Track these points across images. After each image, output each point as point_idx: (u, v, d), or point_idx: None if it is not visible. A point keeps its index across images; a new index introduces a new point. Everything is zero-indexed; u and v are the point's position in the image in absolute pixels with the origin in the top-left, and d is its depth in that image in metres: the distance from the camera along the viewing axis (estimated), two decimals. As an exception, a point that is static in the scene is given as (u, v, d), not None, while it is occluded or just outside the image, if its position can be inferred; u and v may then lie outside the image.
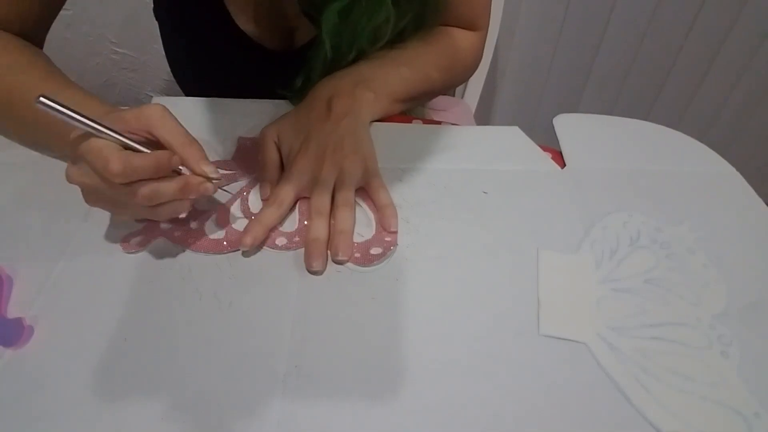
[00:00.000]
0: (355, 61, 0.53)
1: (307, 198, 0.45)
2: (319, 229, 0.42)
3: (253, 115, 0.53)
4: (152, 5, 0.62)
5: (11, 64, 0.46)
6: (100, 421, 0.32)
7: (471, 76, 0.65)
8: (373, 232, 0.43)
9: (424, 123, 0.54)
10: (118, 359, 0.35)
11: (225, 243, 0.42)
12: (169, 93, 1.18)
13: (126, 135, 0.36)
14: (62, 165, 0.48)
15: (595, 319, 0.37)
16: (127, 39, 1.13)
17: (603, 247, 0.42)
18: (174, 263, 0.40)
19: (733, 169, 0.49)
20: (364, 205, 0.45)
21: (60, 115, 0.34)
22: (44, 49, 0.53)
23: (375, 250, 0.41)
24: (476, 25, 0.60)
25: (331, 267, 0.40)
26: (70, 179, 0.37)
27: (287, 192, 0.44)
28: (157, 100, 0.38)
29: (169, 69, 0.66)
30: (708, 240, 0.42)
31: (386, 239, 0.42)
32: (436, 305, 0.38)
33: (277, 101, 0.55)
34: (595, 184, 0.47)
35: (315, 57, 0.51)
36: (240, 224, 0.43)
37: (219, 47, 0.59)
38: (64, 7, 0.54)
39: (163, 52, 0.66)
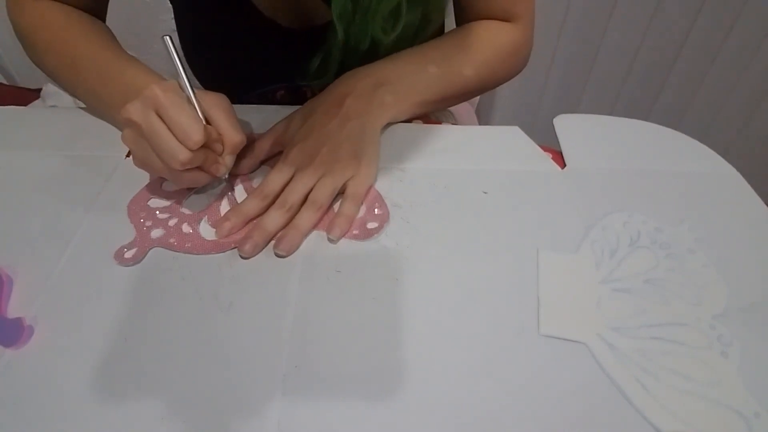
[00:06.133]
0: (372, 49, 0.51)
1: None
2: (273, 219, 0.41)
3: (254, 117, 0.53)
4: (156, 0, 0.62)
5: (81, 35, 0.51)
6: (99, 421, 0.32)
7: (517, 72, 0.58)
8: (362, 213, 0.44)
9: (424, 123, 0.54)
10: (118, 359, 0.35)
11: (222, 241, 0.42)
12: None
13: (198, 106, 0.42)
14: (61, 165, 0.48)
15: (595, 319, 0.37)
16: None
17: (603, 247, 0.42)
18: (174, 264, 0.40)
19: (733, 170, 0.49)
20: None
21: (171, 59, 0.43)
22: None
23: (371, 225, 0.43)
24: (512, 14, 0.55)
25: (332, 267, 0.40)
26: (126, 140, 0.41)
27: (274, 184, 0.44)
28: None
29: (168, 69, 0.66)
30: (708, 240, 0.42)
31: (376, 212, 0.44)
32: (436, 305, 0.38)
33: (281, 107, 0.54)
34: (595, 184, 0.47)
35: (331, 42, 0.51)
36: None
37: (234, 24, 0.58)
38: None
39: (164, 52, 0.66)
